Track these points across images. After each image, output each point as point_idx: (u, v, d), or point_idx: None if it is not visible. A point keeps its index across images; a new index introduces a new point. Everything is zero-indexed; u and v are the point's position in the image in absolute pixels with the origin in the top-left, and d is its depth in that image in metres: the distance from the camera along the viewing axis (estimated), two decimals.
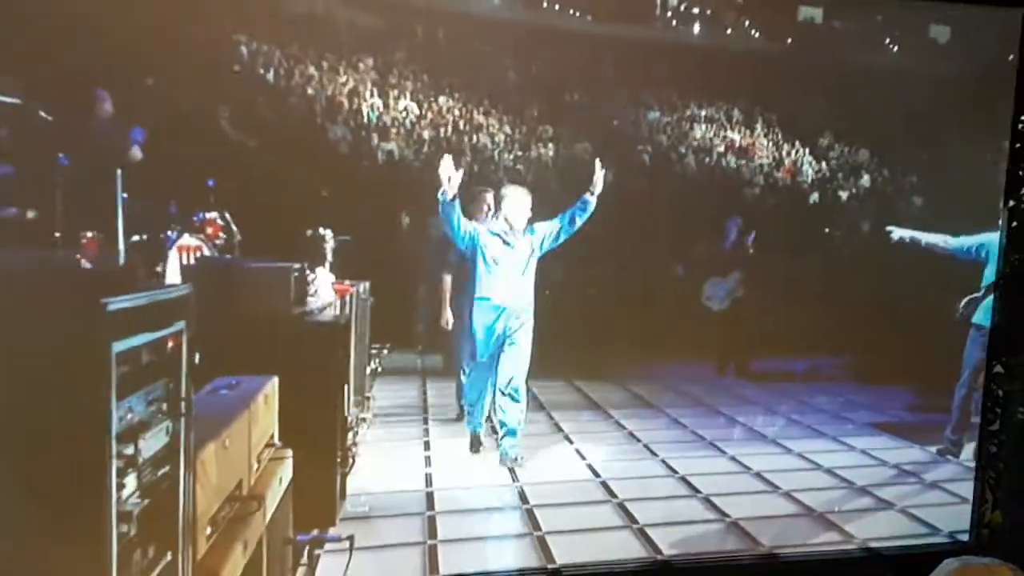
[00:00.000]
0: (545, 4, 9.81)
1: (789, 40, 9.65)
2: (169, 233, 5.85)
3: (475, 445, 6.09)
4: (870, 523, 5.15)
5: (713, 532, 4.93)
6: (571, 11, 9.92)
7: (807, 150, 8.94)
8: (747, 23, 9.80)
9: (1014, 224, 5.20)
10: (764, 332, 7.32)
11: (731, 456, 5.96)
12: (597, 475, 5.50)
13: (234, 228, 6.14)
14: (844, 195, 8.59)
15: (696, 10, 9.90)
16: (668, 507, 5.18)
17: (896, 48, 9.02)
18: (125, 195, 4.72)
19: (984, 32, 8.65)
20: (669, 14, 9.94)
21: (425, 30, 9.20)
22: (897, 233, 6.49)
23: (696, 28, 9.88)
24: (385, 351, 6.57)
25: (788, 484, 5.54)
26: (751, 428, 6.65)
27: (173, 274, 5.69)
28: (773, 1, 9.87)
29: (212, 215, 6.11)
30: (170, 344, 2.48)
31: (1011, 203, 5.19)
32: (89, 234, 4.91)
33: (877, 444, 6.38)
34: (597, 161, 5.90)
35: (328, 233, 5.98)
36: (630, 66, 9.25)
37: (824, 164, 8.85)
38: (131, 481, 2.22)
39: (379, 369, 6.46)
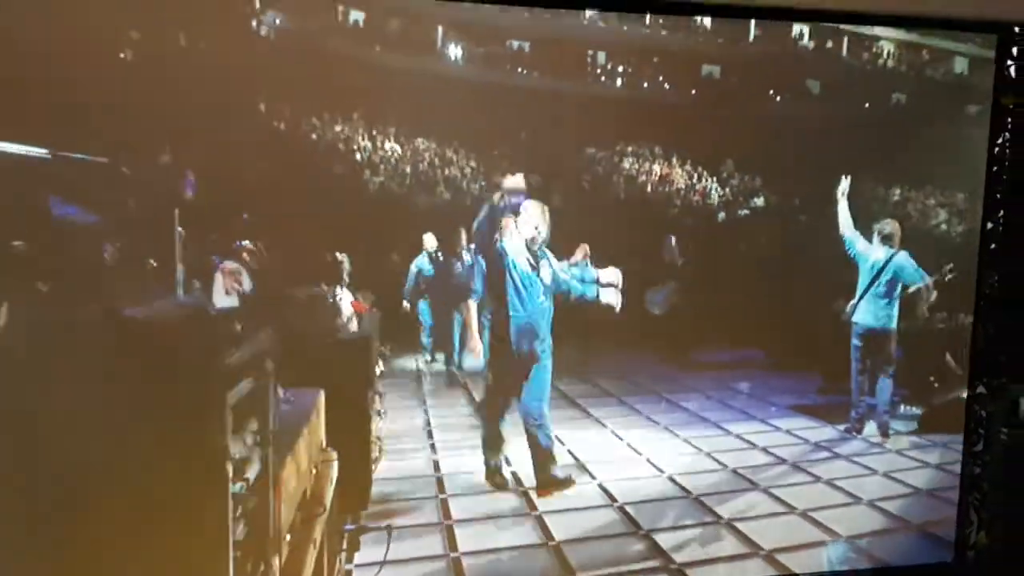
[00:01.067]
0: (499, 64, 9.62)
1: (693, 91, 9.54)
2: (214, 258, 5.67)
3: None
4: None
5: (681, 507, 4.79)
6: (520, 70, 9.75)
7: (714, 178, 8.84)
8: (660, 78, 9.67)
9: (992, 246, 4.65)
10: (696, 330, 7.19)
11: (684, 438, 5.81)
12: (576, 459, 5.32)
13: (264, 254, 5.92)
14: (745, 213, 8.51)
15: (620, 68, 9.76)
16: (640, 486, 5.01)
17: (779, 98, 8.95)
18: (180, 229, 4.66)
19: (850, 85, 8.64)
20: (598, 71, 9.80)
21: (404, 86, 8.97)
22: (844, 186, 6.34)
23: (619, 82, 9.72)
24: (387, 352, 6.33)
25: (733, 462, 5.41)
26: (695, 413, 6.52)
27: (219, 293, 5.51)
28: (680, 61, 9.75)
29: (247, 243, 5.91)
30: (261, 381, 2.25)
31: (988, 225, 4.68)
32: (153, 262, 4.81)
33: (797, 424, 6.27)
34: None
35: (345, 257, 5.78)
36: (569, 111, 9.12)
37: (727, 189, 8.76)
38: (239, 512, 1.99)
39: (384, 370, 6.21)
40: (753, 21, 9.27)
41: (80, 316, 1.92)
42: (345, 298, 5.40)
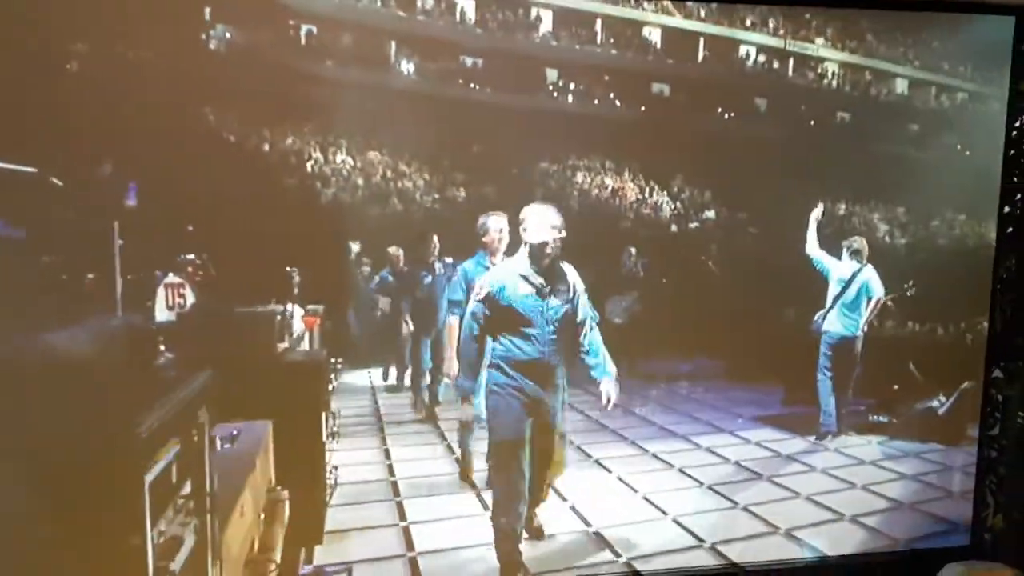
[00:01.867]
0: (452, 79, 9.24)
1: (643, 108, 9.25)
2: (157, 272, 5.08)
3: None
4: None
5: (658, 530, 4.31)
6: (473, 85, 9.37)
7: (665, 192, 8.53)
8: (611, 95, 9.35)
9: (1009, 230, 4.31)
10: (657, 339, 6.80)
11: (652, 454, 5.36)
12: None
13: (211, 267, 5.36)
14: (696, 226, 8.22)
15: (571, 85, 9.44)
16: (614, 510, 4.50)
17: (727, 116, 8.68)
18: (121, 241, 4.11)
19: (796, 104, 8.42)
20: (551, 87, 9.45)
21: (356, 100, 8.54)
22: (817, 212, 6.26)
23: (570, 98, 9.39)
24: (340, 366, 5.72)
25: (706, 478, 4.96)
26: (663, 427, 6.08)
27: (161, 308, 4.93)
28: (630, 79, 9.47)
29: (191, 256, 5.33)
30: (195, 436, 1.73)
31: (1006, 209, 4.34)
32: (91, 275, 4.25)
33: (766, 436, 5.88)
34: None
35: (295, 271, 5.24)
36: (522, 126, 8.77)
37: (678, 203, 8.46)
38: None
39: (336, 384, 5.53)
40: (702, 40, 9.05)
41: None
42: (296, 314, 4.87)
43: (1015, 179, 4.28)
